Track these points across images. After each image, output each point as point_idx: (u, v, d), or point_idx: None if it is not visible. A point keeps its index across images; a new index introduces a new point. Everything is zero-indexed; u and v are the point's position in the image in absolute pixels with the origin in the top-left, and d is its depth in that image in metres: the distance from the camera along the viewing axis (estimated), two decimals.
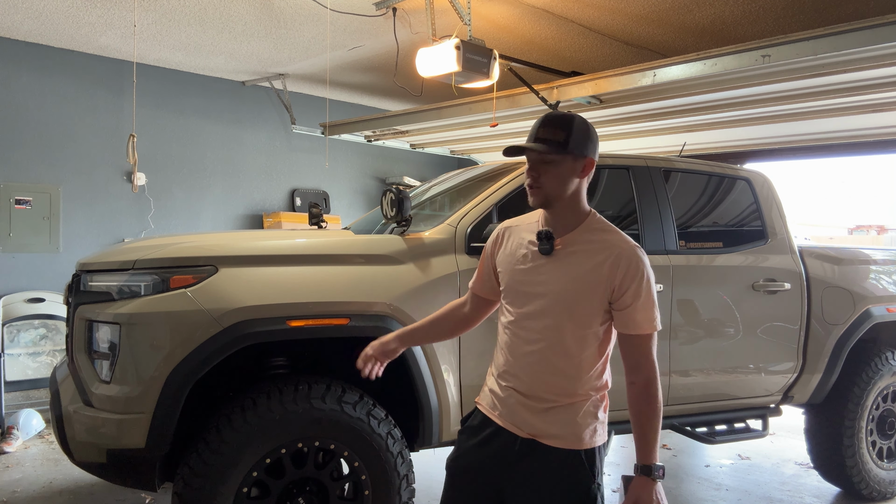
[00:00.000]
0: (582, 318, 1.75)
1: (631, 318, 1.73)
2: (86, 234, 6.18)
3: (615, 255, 1.72)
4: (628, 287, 1.71)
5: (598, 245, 1.75)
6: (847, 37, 3.41)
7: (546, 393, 1.79)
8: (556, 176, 1.73)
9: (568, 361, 1.77)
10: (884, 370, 4.03)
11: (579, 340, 1.76)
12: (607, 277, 1.72)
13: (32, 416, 5.02)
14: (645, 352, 1.75)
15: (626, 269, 1.71)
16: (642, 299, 1.72)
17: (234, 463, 2.44)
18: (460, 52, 4.24)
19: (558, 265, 1.77)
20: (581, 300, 1.74)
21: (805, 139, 6.13)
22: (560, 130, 1.72)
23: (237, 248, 2.67)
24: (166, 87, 6.68)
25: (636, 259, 1.72)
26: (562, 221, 1.80)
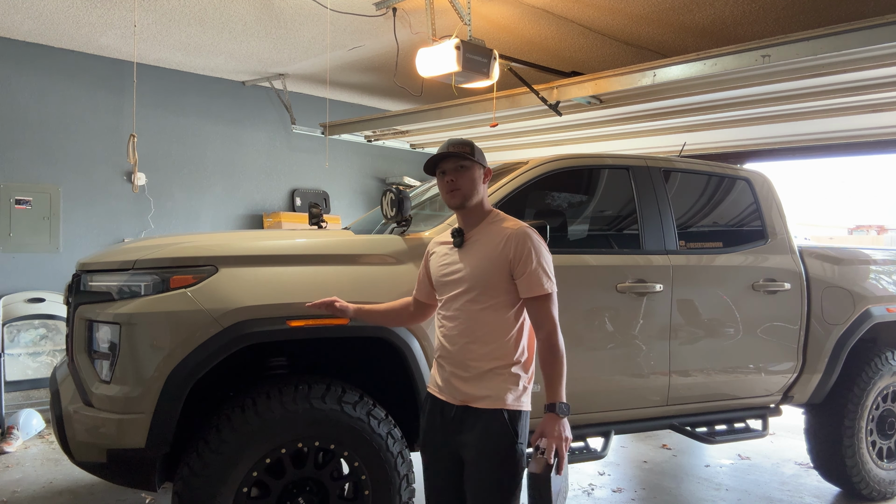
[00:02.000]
0: (492, 290, 2.13)
1: (526, 282, 2.10)
2: (86, 234, 6.18)
3: (508, 236, 2.14)
4: (520, 258, 2.10)
5: (497, 231, 2.18)
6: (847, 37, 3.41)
7: (472, 360, 2.13)
8: (470, 179, 2.18)
9: (486, 329, 2.13)
10: (884, 370, 4.03)
11: (493, 310, 2.13)
12: (503, 253, 2.12)
13: (32, 416, 5.03)
14: (545, 311, 2.12)
15: (516, 244, 2.11)
16: (533, 266, 2.10)
17: (234, 463, 2.44)
18: (460, 52, 4.24)
19: (469, 252, 2.19)
20: (488, 274, 2.13)
21: (805, 139, 6.13)
22: (465, 146, 2.21)
23: (237, 248, 2.67)
24: (166, 87, 6.68)
25: (524, 235, 2.13)
26: (471, 220, 2.23)
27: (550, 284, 2.13)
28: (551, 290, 2.13)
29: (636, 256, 3.34)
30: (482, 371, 2.12)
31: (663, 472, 4.56)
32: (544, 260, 2.14)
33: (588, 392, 3.13)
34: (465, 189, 2.17)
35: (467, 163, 2.18)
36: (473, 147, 2.24)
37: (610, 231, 3.57)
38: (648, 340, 3.30)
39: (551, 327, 2.12)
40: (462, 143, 2.22)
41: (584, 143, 6.77)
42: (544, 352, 2.12)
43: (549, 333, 2.11)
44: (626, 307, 3.24)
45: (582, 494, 4.08)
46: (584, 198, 3.62)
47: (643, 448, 5.12)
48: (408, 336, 2.70)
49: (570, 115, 5.43)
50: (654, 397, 3.39)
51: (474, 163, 2.19)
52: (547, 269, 2.14)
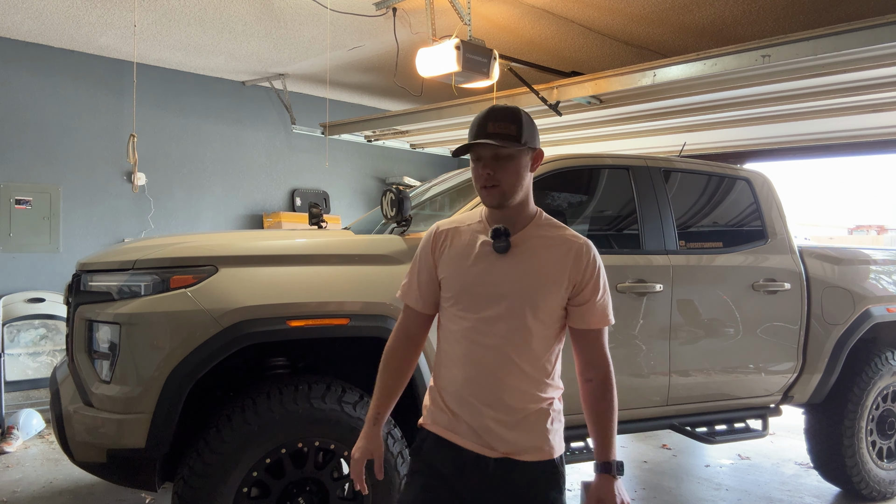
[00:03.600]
0: (546, 316, 1.69)
1: (589, 312, 1.71)
2: (86, 234, 6.18)
3: (574, 250, 1.69)
4: (588, 281, 1.69)
5: (554, 240, 1.71)
6: (847, 37, 3.41)
7: (517, 402, 1.69)
8: (514, 171, 1.66)
9: (534, 364, 1.70)
10: (884, 370, 4.03)
11: (543, 340, 1.70)
12: (568, 272, 1.68)
13: (32, 416, 5.02)
14: (601, 347, 1.74)
15: (586, 264, 1.69)
16: (600, 294, 1.71)
17: (234, 463, 2.44)
18: (460, 52, 4.24)
19: (516, 262, 1.69)
20: (544, 296, 1.67)
21: (805, 139, 6.13)
22: (510, 124, 1.66)
23: (237, 248, 2.67)
24: (166, 87, 6.68)
25: (593, 254, 1.71)
26: (515, 219, 1.72)
27: (612, 314, 1.76)
28: (613, 322, 1.76)
29: (636, 256, 3.34)
30: (528, 413, 1.69)
31: (663, 472, 4.56)
32: (607, 286, 1.76)
33: None
34: (507, 185, 1.66)
35: (512, 150, 1.65)
36: (522, 123, 1.67)
37: (610, 231, 3.57)
38: (648, 340, 3.30)
39: (607, 368, 1.74)
40: (507, 118, 1.67)
41: (584, 143, 6.77)
42: (596, 398, 1.73)
43: (606, 376, 1.74)
44: (626, 307, 3.24)
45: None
46: (584, 198, 3.62)
47: (643, 448, 5.12)
48: None
49: (570, 115, 5.43)
50: (655, 397, 3.39)
51: (521, 149, 1.66)
52: (609, 295, 1.76)
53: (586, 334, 1.73)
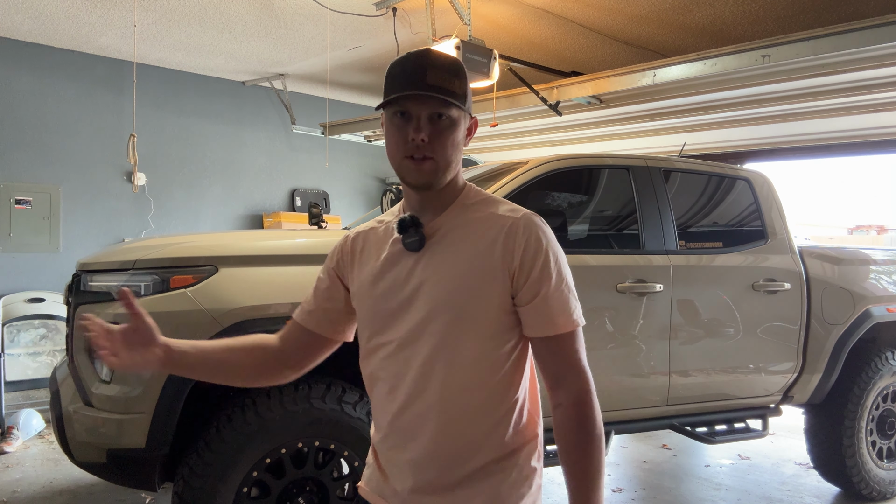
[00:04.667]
0: (480, 325, 1.22)
1: (541, 311, 1.21)
2: (86, 234, 6.18)
3: (507, 229, 1.22)
4: (531, 268, 1.20)
5: (483, 221, 1.25)
6: (847, 37, 3.41)
7: (456, 450, 1.23)
8: (453, 142, 1.23)
9: (474, 394, 1.22)
10: (884, 370, 4.03)
11: (489, 364, 1.23)
12: (501, 259, 1.20)
13: (32, 416, 5.02)
14: (569, 358, 1.22)
15: (525, 245, 1.20)
16: (553, 284, 1.21)
17: (234, 463, 2.44)
18: (460, 52, 4.24)
19: (434, 259, 1.25)
20: (474, 297, 1.21)
21: (805, 139, 6.13)
22: (454, 77, 1.22)
23: (237, 248, 2.67)
24: (166, 87, 6.68)
25: (535, 230, 1.22)
26: (434, 203, 1.28)
27: (579, 311, 1.25)
28: (582, 322, 1.25)
29: (636, 256, 3.34)
30: (476, 470, 1.23)
31: (663, 472, 4.56)
32: (566, 271, 1.26)
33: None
34: (443, 160, 1.23)
35: (454, 112, 1.22)
36: (465, 79, 1.26)
37: (610, 231, 3.57)
38: (648, 340, 3.30)
39: (581, 387, 1.22)
40: (450, 69, 1.22)
41: (584, 143, 6.77)
42: (569, 429, 1.22)
43: (580, 398, 1.22)
44: (625, 307, 3.24)
45: None
46: (584, 198, 3.62)
47: (643, 448, 5.12)
48: None
49: (570, 115, 5.43)
50: (654, 397, 3.39)
51: (464, 113, 1.25)
52: (572, 287, 1.26)
53: (546, 344, 1.22)
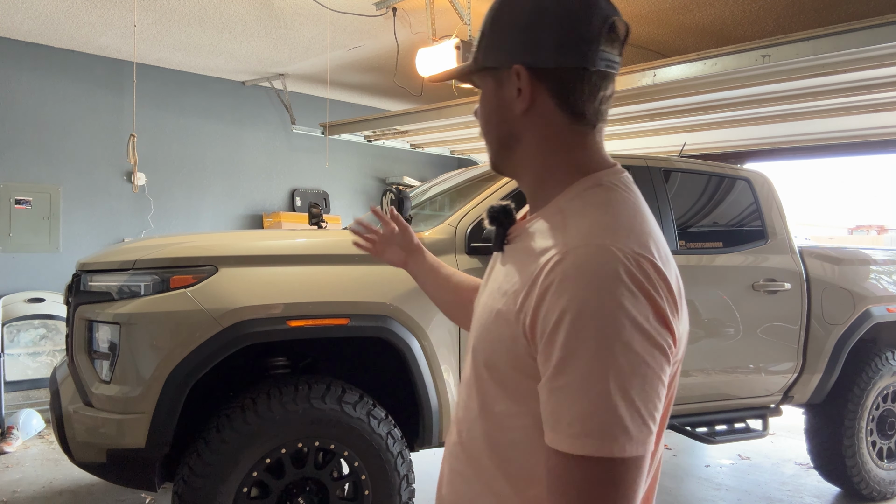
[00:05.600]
0: (500, 376, 0.90)
1: (542, 400, 0.80)
2: (86, 234, 6.18)
3: (543, 265, 0.83)
4: (543, 330, 0.80)
5: (536, 242, 0.90)
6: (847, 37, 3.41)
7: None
8: (482, 113, 1.00)
9: (491, 458, 0.92)
10: (884, 370, 4.03)
11: (503, 419, 0.90)
12: (520, 307, 0.85)
13: (32, 416, 5.02)
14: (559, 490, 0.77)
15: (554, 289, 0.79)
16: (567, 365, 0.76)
17: (234, 463, 2.44)
18: (460, 52, 4.24)
19: (499, 272, 0.99)
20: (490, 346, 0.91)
21: (805, 139, 6.13)
22: (479, 29, 0.99)
23: (237, 248, 2.67)
24: (166, 87, 6.68)
25: (569, 280, 0.79)
26: (529, 195, 1.01)
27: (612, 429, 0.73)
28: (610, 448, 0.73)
29: None
30: None
31: (663, 472, 4.56)
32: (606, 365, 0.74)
33: None
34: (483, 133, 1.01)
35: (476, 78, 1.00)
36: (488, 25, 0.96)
37: None
38: None
39: None
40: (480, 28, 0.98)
41: None
42: None
43: None
44: None
45: None
46: None
47: None
48: (407, 336, 2.70)
49: None
50: None
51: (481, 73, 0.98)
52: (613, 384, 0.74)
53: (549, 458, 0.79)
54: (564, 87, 0.91)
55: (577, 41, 0.89)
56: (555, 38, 0.89)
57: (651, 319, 0.77)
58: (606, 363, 0.74)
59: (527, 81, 0.91)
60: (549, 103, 0.92)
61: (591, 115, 0.93)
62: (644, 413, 0.75)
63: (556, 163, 0.95)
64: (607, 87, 0.93)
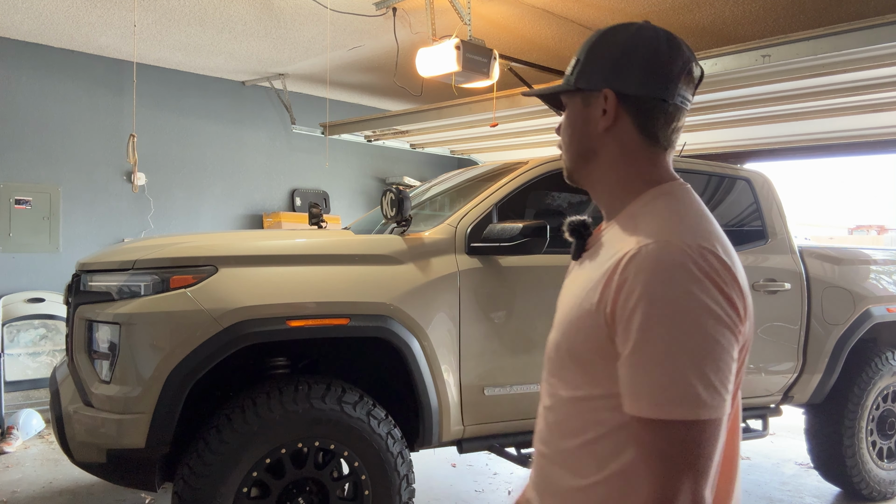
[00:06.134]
0: (582, 364, 1.01)
1: (623, 377, 0.92)
2: (86, 234, 6.18)
3: (618, 259, 0.95)
4: (623, 314, 0.92)
5: (613, 242, 1.03)
6: (847, 37, 3.41)
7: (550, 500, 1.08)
8: (566, 128, 1.13)
9: (563, 444, 1.05)
10: (884, 370, 4.03)
11: (576, 406, 1.03)
12: (599, 299, 0.97)
13: (32, 416, 5.02)
14: (646, 453, 0.89)
15: (630, 280, 0.91)
16: (635, 349, 0.90)
17: (234, 463, 2.44)
18: (460, 52, 4.24)
19: (577, 277, 1.10)
20: (573, 337, 1.03)
21: (805, 139, 6.13)
22: (575, 57, 1.11)
23: (237, 248, 2.67)
24: (166, 87, 6.68)
25: (645, 269, 0.91)
26: (603, 206, 1.14)
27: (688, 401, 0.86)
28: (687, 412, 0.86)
29: None
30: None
31: None
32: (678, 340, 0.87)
33: None
34: (563, 146, 1.15)
35: (564, 98, 1.14)
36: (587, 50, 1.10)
37: None
38: None
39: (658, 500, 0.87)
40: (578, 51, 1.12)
41: None
42: None
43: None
44: None
45: None
46: (584, 198, 3.62)
47: None
48: (407, 336, 2.70)
49: None
50: None
51: (571, 93, 1.11)
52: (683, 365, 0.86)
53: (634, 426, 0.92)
54: (644, 113, 1.06)
55: (660, 77, 1.05)
56: (642, 71, 1.05)
57: (718, 301, 0.89)
58: (679, 341, 0.87)
59: (613, 103, 1.06)
60: (629, 125, 1.07)
61: (664, 140, 1.09)
62: (716, 382, 0.87)
63: (628, 176, 1.09)
64: (680, 119, 1.09)
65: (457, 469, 4.42)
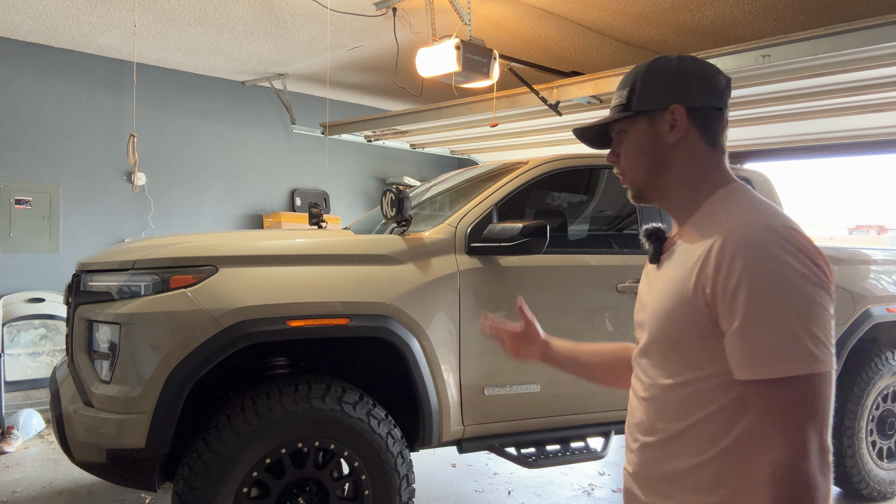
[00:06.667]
0: (684, 351, 1.13)
1: (734, 348, 1.03)
2: (86, 234, 6.18)
3: (711, 245, 1.08)
4: (725, 292, 1.04)
5: (703, 233, 1.13)
6: (847, 37, 3.41)
7: (659, 485, 1.18)
8: (629, 151, 1.25)
9: (678, 426, 1.15)
10: (884, 370, 4.03)
11: (679, 392, 1.14)
12: (695, 283, 1.09)
13: (32, 416, 5.02)
14: (770, 414, 1.00)
15: (727, 262, 1.04)
16: (745, 318, 1.01)
17: (234, 463, 2.44)
18: (460, 52, 4.24)
19: (661, 276, 1.22)
20: (672, 322, 1.14)
21: (805, 139, 6.13)
22: (623, 88, 1.25)
23: (237, 248, 2.67)
24: (166, 87, 6.68)
25: (741, 247, 1.03)
26: (674, 212, 1.26)
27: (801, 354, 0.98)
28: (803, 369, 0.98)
29: (636, 256, 3.33)
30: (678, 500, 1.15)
31: None
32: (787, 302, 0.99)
33: (588, 392, 3.13)
34: (629, 171, 1.27)
35: (620, 124, 1.25)
36: (637, 80, 1.24)
37: (610, 231, 3.57)
38: None
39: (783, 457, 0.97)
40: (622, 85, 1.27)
41: None
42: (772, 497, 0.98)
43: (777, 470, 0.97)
44: (626, 307, 3.23)
45: (582, 494, 4.08)
46: (583, 198, 3.62)
47: None
48: (407, 336, 2.70)
49: (570, 115, 5.43)
50: None
51: (632, 118, 1.23)
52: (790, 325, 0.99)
53: (747, 388, 1.04)
54: (707, 122, 1.21)
55: (714, 90, 1.21)
56: (700, 86, 1.21)
57: (810, 267, 1.01)
58: (785, 306, 0.99)
59: (683, 117, 1.20)
60: (695, 135, 1.21)
61: (722, 144, 1.23)
62: (823, 338, 0.99)
63: (699, 181, 1.22)
64: (727, 125, 1.25)
65: (457, 469, 4.42)
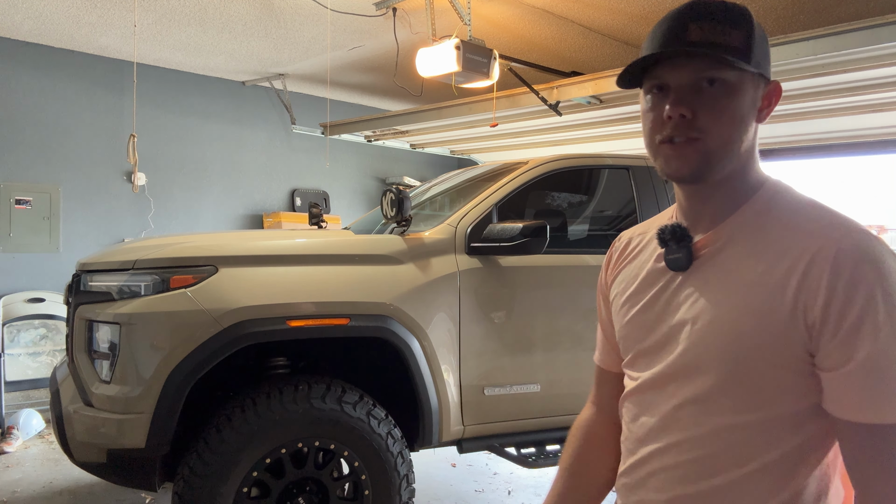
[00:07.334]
0: (753, 383, 0.91)
1: (854, 384, 0.85)
2: (86, 234, 6.18)
3: (814, 253, 0.88)
4: (842, 317, 0.85)
5: (780, 236, 0.93)
6: (847, 37, 3.41)
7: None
8: (731, 113, 0.93)
9: (732, 474, 0.93)
10: None
11: (752, 430, 0.92)
12: (794, 298, 0.88)
13: (32, 416, 5.02)
14: (881, 462, 0.84)
15: (836, 281, 0.85)
16: (881, 345, 0.83)
17: (234, 463, 2.44)
18: (460, 52, 4.24)
19: (703, 286, 0.97)
20: (748, 344, 0.91)
21: (805, 139, 6.13)
22: (731, 28, 0.92)
23: (237, 248, 2.67)
24: (166, 87, 6.68)
25: (862, 261, 0.85)
26: (711, 204, 1.00)
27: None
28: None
29: None
30: None
31: None
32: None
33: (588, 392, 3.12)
34: (717, 138, 0.94)
35: (730, 74, 0.93)
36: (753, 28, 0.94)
37: (610, 231, 3.57)
38: None
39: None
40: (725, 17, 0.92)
41: (584, 143, 6.77)
42: None
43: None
44: None
45: None
46: (584, 198, 3.62)
47: None
48: (407, 336, 2.70)
49: (570, 115, 5.43)
50: None
51: (749, 73, 0.94)
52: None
53: (857, 432, 0.86)
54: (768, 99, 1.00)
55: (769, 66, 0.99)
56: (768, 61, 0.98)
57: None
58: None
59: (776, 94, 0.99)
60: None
61: None
62: None
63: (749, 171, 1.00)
64: None
65: (457, 469, 4.42)
